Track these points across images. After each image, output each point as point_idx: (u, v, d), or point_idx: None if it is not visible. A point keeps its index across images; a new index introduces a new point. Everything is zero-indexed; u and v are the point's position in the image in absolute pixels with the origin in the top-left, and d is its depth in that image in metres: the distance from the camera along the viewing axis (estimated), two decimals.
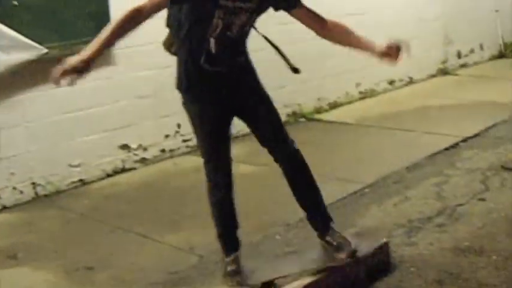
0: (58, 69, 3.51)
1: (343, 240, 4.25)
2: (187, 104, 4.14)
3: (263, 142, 4.19)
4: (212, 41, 3.86)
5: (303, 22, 4.06)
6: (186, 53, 4.00)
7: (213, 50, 3.89)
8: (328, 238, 4.27)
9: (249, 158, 7.08)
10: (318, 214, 4.34)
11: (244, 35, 4.02)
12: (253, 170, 6.65)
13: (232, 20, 3.83)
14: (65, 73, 3.52)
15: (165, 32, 7.31)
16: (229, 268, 4.32)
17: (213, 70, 3.96)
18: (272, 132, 4.16)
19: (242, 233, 4.46)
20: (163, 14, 7.13)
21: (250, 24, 3.99)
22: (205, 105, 4.07)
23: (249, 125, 4.21)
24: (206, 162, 4.21)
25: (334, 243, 4.23)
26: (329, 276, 4.23)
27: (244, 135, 7.82)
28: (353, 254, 4.24)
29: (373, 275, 4.35)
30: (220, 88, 4.03)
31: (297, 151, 4.23)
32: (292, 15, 4.05)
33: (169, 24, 4.19)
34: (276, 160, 4.23)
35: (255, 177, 6.45)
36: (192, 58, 3.95)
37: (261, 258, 4.63)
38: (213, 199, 4.29)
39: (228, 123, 4.18)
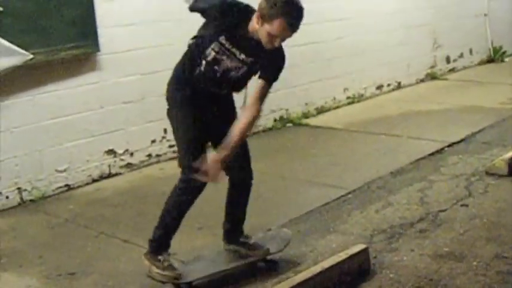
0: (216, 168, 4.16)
1: (255, 242, 4.74)
2: (174, 111, 4.48)
3: (228, 168, 4.39)
4: (204, 62, 4.26)
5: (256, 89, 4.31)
6: (182, 66, 4.42)
7: (202, 69, 4.28)
8: (242, 239, 4.73)
9: None
10: (240, 226, 4.78)
11: (229, 82, 4.36)
12: None
13: (224, 59, 4.23)
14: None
15: (152, 39, 7.36)
16: (166, 263, 4.55)
17: (202, 87, 4.35)
18: (238, 161, 4.47)
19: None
20: (152, 19, 7.21)
21: (239, 76, 4.33)
22: (190, 115, 4.40)
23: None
24: (187, 167, 4.44)
25: (250, 242, 4.71)
26: (309, 280, 4.27)
27: None
28: (267, 252, 4.70)
29: (353, 282, 4.37)
30: (203, 106, 4.39)
31: (251, 184, 4.68)
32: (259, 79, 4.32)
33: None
34: (232, 185, 4.63)
35: None
36: (188, 71, 4.35)
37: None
38: (183, 200, 4.52)
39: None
